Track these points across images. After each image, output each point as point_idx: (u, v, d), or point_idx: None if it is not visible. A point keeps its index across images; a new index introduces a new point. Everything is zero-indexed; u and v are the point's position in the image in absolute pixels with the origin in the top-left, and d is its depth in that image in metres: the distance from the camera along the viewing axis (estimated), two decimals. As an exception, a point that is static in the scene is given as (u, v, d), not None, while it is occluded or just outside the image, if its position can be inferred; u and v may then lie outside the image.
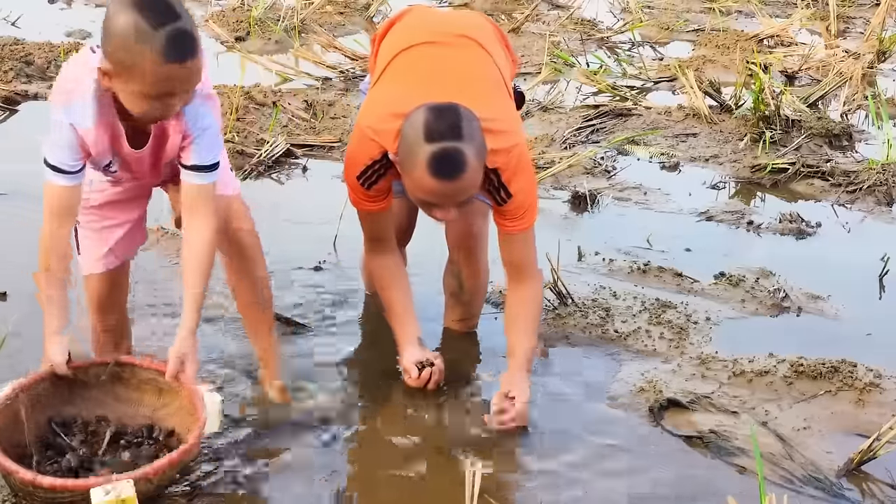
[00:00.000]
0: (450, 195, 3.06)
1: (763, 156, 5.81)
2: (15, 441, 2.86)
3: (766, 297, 4.33)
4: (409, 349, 3.44)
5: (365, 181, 3.27)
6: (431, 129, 3.00)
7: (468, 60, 3.32)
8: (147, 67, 2.65)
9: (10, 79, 6.16)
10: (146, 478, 2.71)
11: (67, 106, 2.83)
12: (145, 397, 3.06)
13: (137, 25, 2.63)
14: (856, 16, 9.53)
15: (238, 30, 7.70)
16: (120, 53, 2.68)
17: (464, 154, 2.99)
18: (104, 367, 3.05)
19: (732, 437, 3.38)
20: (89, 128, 2.84)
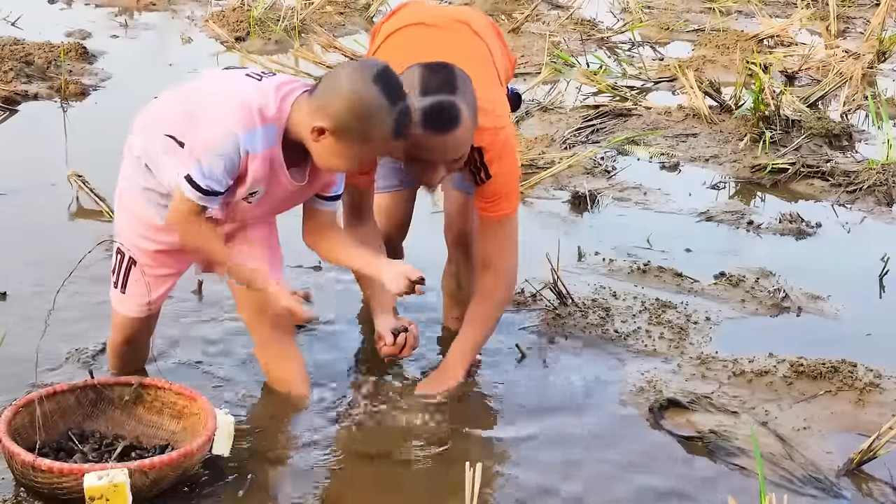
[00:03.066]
0: (442, 149, 3.05)
1: (763, 156, 5.82)
2: (31, 442, 2.87)
3: (766, 297, 4.33)
4: (383, 316, 3.38)
5: None
6: (426, 83, 3.01)
7: (460, 42, 3.34)
8: (377, 140, 2.86)
9: (10, 79, 6.16)
10: (141, 470, 2.71)
11: (250, 129, 2.86)
12: (164, 421, 3.08)
13: (379, 102, 2.81)
14: (856, 16, 9.54)
15: (238, 30, 7.70)
16: (347, 117, 2.82)
17: (458, 107, 3.01)
18: (128, 387, 3.08)
19: (732, 437, 3.37)
20: (258, 153, 2.89)
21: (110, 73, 6.58)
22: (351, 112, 2.82)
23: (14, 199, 4.71)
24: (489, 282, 3.43)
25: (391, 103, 2.82)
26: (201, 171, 2.88)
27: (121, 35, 7.62)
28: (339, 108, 2.83)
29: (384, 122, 2.82)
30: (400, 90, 2.86)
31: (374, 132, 2.84)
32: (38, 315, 3.69)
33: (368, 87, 2.81)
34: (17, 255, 4.21)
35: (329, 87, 2.88)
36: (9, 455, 2.74)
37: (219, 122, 2.88)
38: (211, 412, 2.95)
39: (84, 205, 4.71)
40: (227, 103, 2.90)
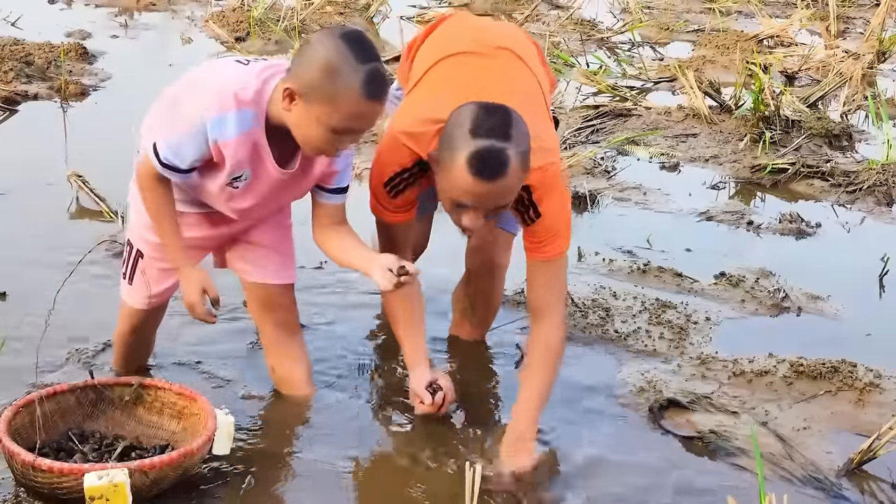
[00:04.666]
0: (485, 197, 2.88)
1: (763, 156, 5.82)
2: (31, 442, 2.87)
3: (766, 297, 4.33)
4: (418, 371, 3.27)
5: (392, 189, 3.13)
6: (479, 124, 2.84)
7: (509, 73, 3.19)
8: (343, 98, 2.73)
9: (10, 79, 6.16)
10: (142, 469, 2.71)
11: (220, 115, 2.82)
12: (164, 421, 3.08)
13: (342, 56, 2.71)
14: (856, 16, 9.54)
15: (238, 30, 7.70)
16: (316, 78, 2.73)
17: (508, 156, 2.82)
18: (128, 387, 3.08)
19: (732, 437, 3.37)
20: (230, 140, 2.84)
21: (110, 74, 6.58)
22: (316, 68, 2.73)
23: (14, 199, 4.71)
24: (549, 333, 3.18)
25: (358, 60, 2.71)
26: (167, 143, 2.89)
27: (121, 35, 7.62)
28: (305, 68, 2.76)
29: (351, 77, 2.71)
30: (372, 51, 2.76)
31: (341, 89, 2.71)
32: (38, 315, 3.69)
33: (334, 43, 2.73)
34: (17, 255, 4.21)
35: (300, 53, 2.83)
36: (9, 455, 2.74)
37: (192, 106, 2.87)
38: (211, 412, 2.95)
39: (84, 205, 4.71)
40: (204, 89, 2.88)
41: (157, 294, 3.26)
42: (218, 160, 2.90)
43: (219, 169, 2.92)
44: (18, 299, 3.84)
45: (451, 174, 2.86)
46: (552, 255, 3.15)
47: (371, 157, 3.27)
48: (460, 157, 2.83)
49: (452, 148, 2.86)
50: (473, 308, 3.75)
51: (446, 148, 2.89)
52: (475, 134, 2.82)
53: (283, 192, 3.08)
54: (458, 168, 2.84)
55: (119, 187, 4.72)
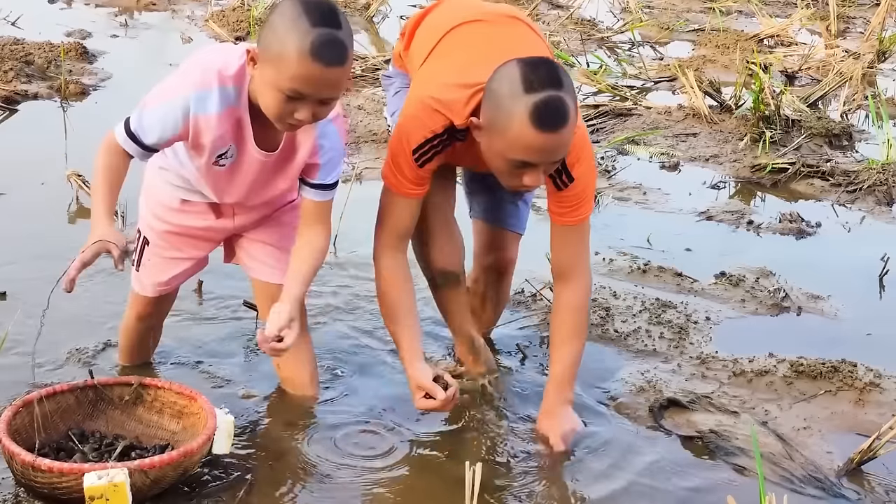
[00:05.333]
0: (550, 149, 2.83)
1: (763, 156, 5.82)
2: (31, 443, 2.86)
3: (766, 296, 4.33)
4: (418, 365, 3.17)
5: (420, 157, 3.06)
6: (530, 79, 2.78)
7: (523, 38, 3.19)
8: (290, 58, 2.65)
9: (10, 79, 6.16)
10: (141, 469, 2.70)
11: (202, 90, 2.80)
12: (164, 421, 3.08)
13: (297, 19, 2.65)
14: (856, 16, 9.54)
15: (238, 29, 7.70)
16: (269, 38, 2.70)
17: (566, 103, 2.80)
18: (128, 387, 3.08)
19: (732, 436, 3.37)
20: (212, 114, 2.82)
21: (110, 73, 6.58)
22: (270, 30, 2.71)
23: (14, 199, 4.71)
24: (577, 292, 3.21)
25: (311, 23, 2.64)
26: (140, 116, 2.85)
27: (121, 35, 7.62)
28: (264, 31, 2.74)
29: (300, 38, 2.64)
30: (330, 17, 2.68)
31: (288, 48, 2.64)
32: (38, 315, 3.69)
33: (291, 5, 2.69)
34: (17, 255, 4.21)
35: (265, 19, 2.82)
36: (9, 455, 2.74)
37: (176, 82, 2.85)
38: (211, 411, 2.95)
39: (84, 204, 4.71)
40: (190, 66, 2.87)
41: (164, 282, 3.28)
42: (194, 138, 2.87)
43: (200, 147, 2.91)
44: (18, 299, 3.83)
45: (510, 134, 2.80)
46: (580, 219, 3.15)
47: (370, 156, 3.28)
48: (520, 114, 2.77)
49: (506, 108, 2.80)
50: (483, 306, 3.74)
51: (497, 110, 2.83)
52: (530, 88, 2.77)
53: (270, 178, 3.03)
54: (520, 125, 2.78)
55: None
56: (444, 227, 3.39)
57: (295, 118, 2.76)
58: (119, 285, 4.03)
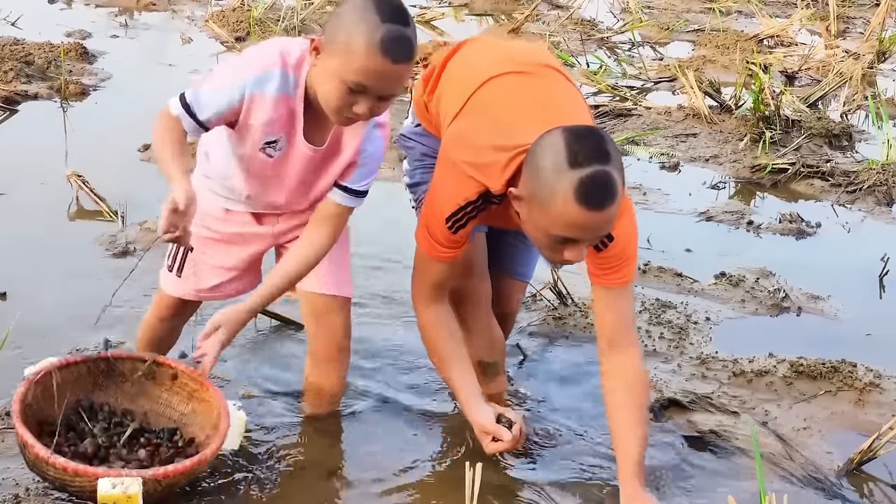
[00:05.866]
0: (594, 228, 2.66)
1: (763, 156, 5.82)
2: (41, 417, 2.85)
3: (766, 297, 4.33)
4: (479, 406, 3.02)
5: (454, 224, 2.90)
6: (575, 151, 2.60)
7: (560, 91, 3.01)
8: (358, 50, 2.64)
9: (10, 79, 6.15)
10: (155, 478, 2.70)
11: (263, 70, 2.79)
12: (175, 400, 3.06)
13: (367, 12, 2.64)
14: (856, 16, 9.54)
15: (238, 30, 7.69)
16: (337, 29, 2.69)
17: (614, 179, 2.61)
18: (142, 363, 3.05)
19: (732, 437, 3.38)
20: (268, 94, 2.80)
21: (110, 73, 6.57)
22: (339, 21, 2.70)
23: (14, 199, 4.70)
24: (631, 365, 2.98)
25: (382, 18, 2.63)
26: (196, 91, 2.83)
27: (121, 35, 7.62)
28: (332, 21, 2.73)
29: (370, 31, 2.62)
30: (400, 15, 2.67)
31: (357, 41, 2.63)
32: (38, 315, 3.70)
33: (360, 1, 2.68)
34: (17, 255, 4.21)
35: (334, 11, 2.81)
36: (22, 443, 2.74)
37: (238, 62, 2.88)
38: (224, 408, 2.91)
39: (84, 205, 4.71)
40: (252, 50, 2.89)
41: (206, 290, 3.22)
42: (245, 117, 2.84)
43: (247, 129, 2.86)
44: (18, 299, 3.83)
45: (553, 210, 2.63)
46: (623, 281, 2.95)
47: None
48: (564, 191, 2.59)
49: (549, 182, 2.62)
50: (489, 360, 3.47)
51: (539, 183, 2.65)
52: (575, 162, 2.59)
53: (313, 178, 2.98)
54: (563, 202, 2.60)
55: (119, 187, 4.76)
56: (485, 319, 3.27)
57: (353, 111, 2.73)
58: (123, 287, 4.03)
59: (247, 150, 2.92)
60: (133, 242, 4.34)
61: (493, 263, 3.32)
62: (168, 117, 2.85)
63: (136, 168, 5.19)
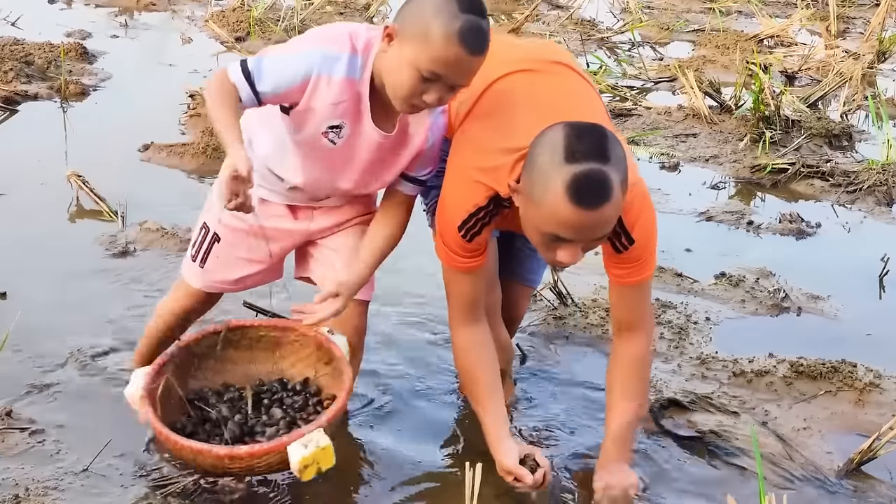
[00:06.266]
0: (586, 228, 2.57)
1: (763, 156, 5.82)
2: (168, 423, 2.80)
3: (766, 297, 4.33)
4: (506, 445, 2.93)
5: (467, 232, 2.82)
6: (573, 147, 2.53)
7: (574, 88, 2.94)
8: (435, 39, 2.61)
9: (10, 79, 6.16)
10: (329, 421, 2.71)
11: (332, 50, 2.74)
12: (259, 354, 3.05)
13: (445, 1, 2.63)
14: (856, 16, 9.54)
15: (238, 30, 7.70)
16: (413, 16, 2.66)
17: (609, 179, 2.53)
18: (216, 335, 3.02)
19: (732, 437, 3.38)
20: (335, 77, 2.74)
21: (110, 73, 6.58)
22: (417, 8, 2.66)
23: (14, 199, 4.71)
24: (638, 344, 2.98)
25: (461, 8, 2.61)
26: (260, 59, 2.76)
27: (121, 35, 7.62)
28: (407, 8, 2.70)
29: (448, 21, 2.60)
30: (478, 5, 2.66)
31: (436, 29, 2.60)
32: (38, 315, 3.70)
33: None
34: (17, 255, 4.21)
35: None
36: (196, 453, 2.69)
37: (306, 39, 2.82)
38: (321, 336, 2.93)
39: (84, 205, 4.71)
40: (319, 30, 2.85)
41: (231, 282, 3.17)
42: (307, 100, 2.77)
43: (309, 113, 2.79)
44: (18, 299, 3.83)
45: (544, 206, 2.56)
46: (642, 279, 2.93)
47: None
48: (556, 187, 2.53)
49: (543, 177, 2.56)
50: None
51: (535, 178, 2.59)
52: (570, 158, 2.52)
53: (380, 167, 2.91)
54: (554, 198, 2.53)
55: (119, 187, 4.76)
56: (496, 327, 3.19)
57: (422, 99, 2.69)
58: (121, 286, 4.04)
59: (307, 134, 2.84)
60: (133, 242, 4.34)
61: (503, 269, 3.28)
62: (226, 82, 2.76)
63: (136, 168, 5.19)
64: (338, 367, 2.90)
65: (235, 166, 2.59)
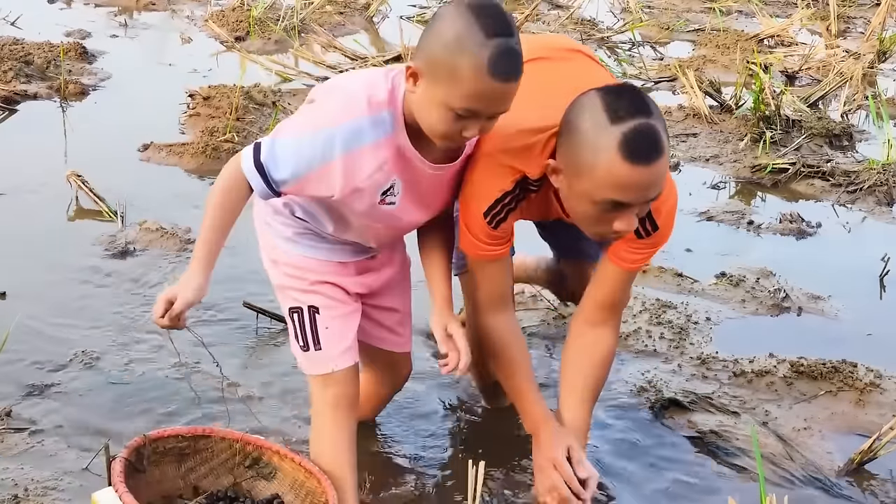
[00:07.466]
0: (645, 185, 2.49)
1: (763, 156, 5.81)
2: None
3: (767, 297, 4.33)
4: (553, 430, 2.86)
5: (492, 219, 2.75)
6: (615, 107, 2.47)
7: (592, 72, 2.90)
8: (465, 75, 2.39)
9: (9, 79, 6.15)
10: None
11: (353, 121, 2.50)
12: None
13: (469, 29, 2.39)
14: (856, 16, 9.53)
15: (238, 30, 7.69)
16: (437, 51, 2.43)
17: (659, 131, 2.48)
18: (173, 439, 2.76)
19: (733, 437, 3.37)
20: (366, 146, 2.52)
21: (110, 73, 6.57)
22: (438, 42, 2.42)
23: (13, 199, 4.70)
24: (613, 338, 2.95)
25: (487, 33, 2.37)
26: (272, 143, 2.54)
27: (120, 35, 7.61)
28: (428, 43, 2.45)
29: (476, 51, 2.37)
30: (504, 23, 2.42)
31: (464, 64, 2.37)
32: (38, 315, 3.70)
33: (459, 13, 2.41)
34: (17, 255, 4.20)
35: (426, 28, 2.51)
36: None
37: (317, 111, 2.58)
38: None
39: (83, 205, 4.70)
40: (336, 94, 2.58)
41: (351, 343, 2.81)
42: (347, 181, 2.55)
43: (358, 192, 2.58)
44: (18, 299, 3.83)
45: (597, 172, 2.49)
46: (640, 266, 2.89)
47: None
48: (608, 149, 2.46)
49: (591, 143, 2.49)
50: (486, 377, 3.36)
51: (580, 147, 2.52)
52: (616, 118, 2.46)
53: (441, 192, 2.74)
54: (608, 161, 2.46)
55: (118, 187, 4.75)
56: None
57: (462, 136, 2.51)
58: (120, 286, 4.03)
59: (363, 210, 2.64)
60: (132, 242, 4.34)
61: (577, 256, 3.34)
62: (234, 173, 2.56)
63: (135, 168, 5.19)
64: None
65: (188, 300, 2.51)
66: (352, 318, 2.82)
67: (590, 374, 2.93)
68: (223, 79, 6.16)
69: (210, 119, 5.63)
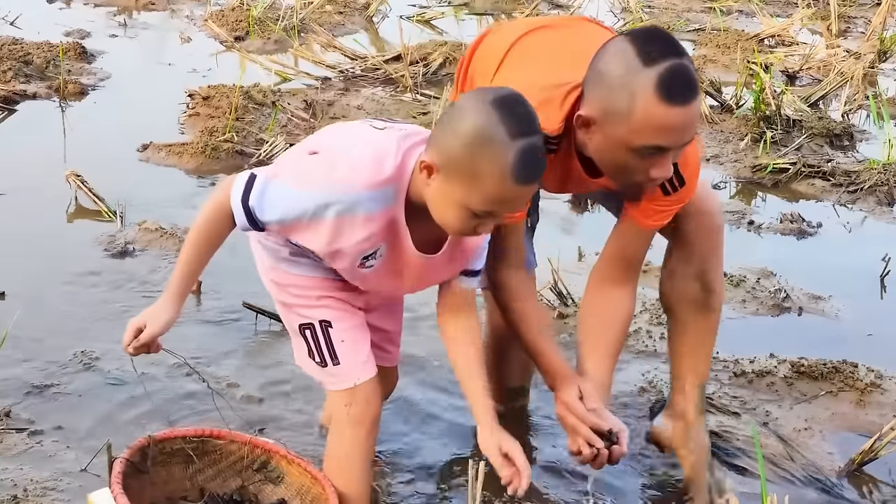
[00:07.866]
0: (682, 127, 2.45)
1: (764, 156, 5.81)
2: None
3: (767, 297, 4.32)
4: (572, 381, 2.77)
5: None
6: (646, 50, 2.42)
7: (595, 33, 2.81)
8: (487, 180, 2.30)
9: (8, 79, 6.14)
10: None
11: (348, 192, 2.41)
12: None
13: (491, 129, 2.29)
14: (857, 15, 9.53)
15: (237, 29, 7.69)
16: (455, 149, 2.32)
17: (692, 71, 2.45)
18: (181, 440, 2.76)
19: (733, 437, 3.37)
20: (358, 216, 2.44)
21: (109, 73, 6.56)
22: (458, 140, 2.31)
23: (13, 199, 4.70)
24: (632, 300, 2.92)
25: (511, 133, 2.28)
26: (265, 184, 2.46)
27: (120, 35, 7.61)
28: (447, 138, 2.34)
29: (499, 155, 2.28)
30: (529, 121, 2.33)
31: (486, 168, 2.28)
32: (37, 315, 3.69)
33: (483, 110, 2.30)
34: (16, 255, 4.20)
35: (443, 118, 2.42)
36: None
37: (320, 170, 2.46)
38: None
39: (83, 204, 4.70)
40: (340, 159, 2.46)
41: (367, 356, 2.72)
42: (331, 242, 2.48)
43: (339, 254, 2.52)
44: (18, 299, 3.82)
45: (634, 117, 2.43)
46: (661, 224, 2.84)
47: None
48: (644, 92, 2.41)
49: (625, 88, 2.43)
50: None
51: (613, 94, 2.46)
52: (649, 60, 2.41)
53: (431, 274, 2.65)
54: (645, 104, 2.41)
55: (118, 187, 4.75)
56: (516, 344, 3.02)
57: (476, 232, 2.44)
58: (120, 286, 4.02)
59: (343, 266, 2.58)
60: (132, 242, 4.33)
61: None
62: (219, 205, 2.50)
63: (134, 168, 5.18)
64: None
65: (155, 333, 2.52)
66: (362, 329, 2.73)
67: (611, 335, 2.89)
68: (223, 78, 6.15)
69: (209, 119, 5.63)
